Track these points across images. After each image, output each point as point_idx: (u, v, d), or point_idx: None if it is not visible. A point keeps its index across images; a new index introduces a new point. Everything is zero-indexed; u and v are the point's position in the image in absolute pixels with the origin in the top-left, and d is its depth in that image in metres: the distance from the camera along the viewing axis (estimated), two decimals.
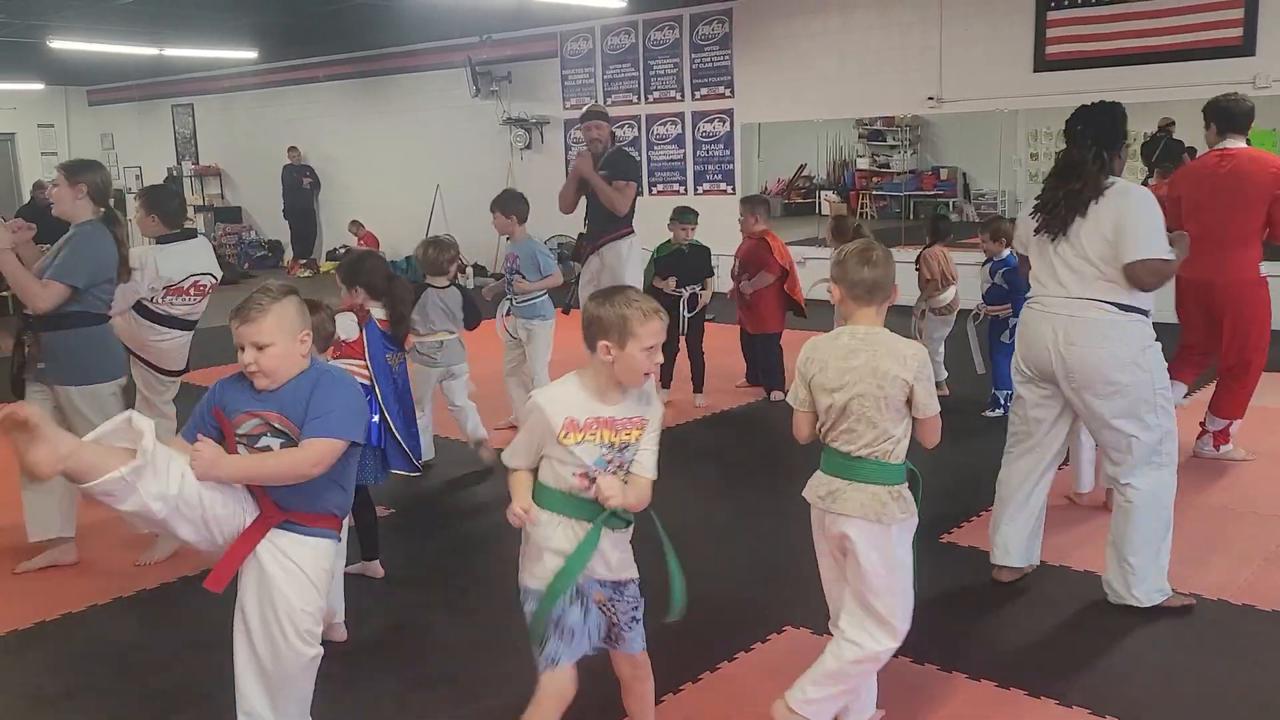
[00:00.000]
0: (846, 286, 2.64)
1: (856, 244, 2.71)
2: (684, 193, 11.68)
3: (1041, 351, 3.42)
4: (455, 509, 4.81)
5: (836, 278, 2.66)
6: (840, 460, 2.60)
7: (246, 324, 2.41)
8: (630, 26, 11.89)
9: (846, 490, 2.57)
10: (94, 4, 9.87)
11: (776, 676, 3.10)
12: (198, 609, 3.76)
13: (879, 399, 2.52)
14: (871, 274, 2.60)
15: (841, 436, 2.58)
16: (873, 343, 2.57)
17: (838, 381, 2.56)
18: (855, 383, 2.54)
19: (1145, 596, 3.41)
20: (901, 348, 2.57)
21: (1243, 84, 8.18)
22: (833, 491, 2.59)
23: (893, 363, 2.53)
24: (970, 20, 9.54)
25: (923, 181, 10.45)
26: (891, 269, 2.65)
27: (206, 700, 3.08)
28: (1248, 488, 4.67)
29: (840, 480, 2.59)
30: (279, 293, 2.46)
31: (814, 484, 2.66)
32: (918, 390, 2.54)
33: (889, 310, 2.67)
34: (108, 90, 18.20)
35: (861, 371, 2.54)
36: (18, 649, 3.46)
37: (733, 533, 4.38)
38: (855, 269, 2.62)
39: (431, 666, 3.25)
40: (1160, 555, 3.43)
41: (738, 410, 6.37)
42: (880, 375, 2.52)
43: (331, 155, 15.23)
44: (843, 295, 2.66)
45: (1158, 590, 3.42)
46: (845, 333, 2.63)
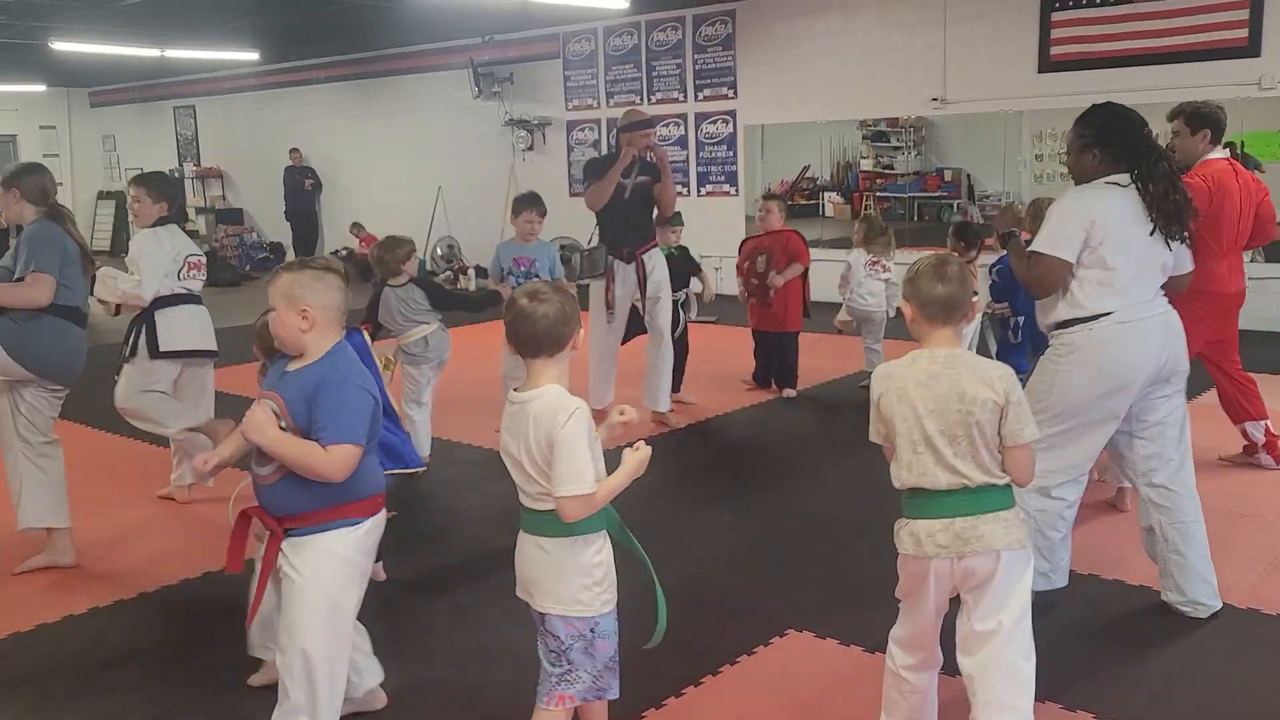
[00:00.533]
0: (919, 305, 2.43)
1: (930, 258, 2.49)
2: (687, 194, 11.64)
3: (1155, 355, 3.24)
4: (454, 511, 4.79)
5: (908, 296, 2.46)
6: (954, 498, 2.36)
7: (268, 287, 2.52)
8: (632, 27, 11.88)
9: (979, 526, 2.34)
10: (96, 5, 9.87)
11: (778, 680, 3.10)
12: (199, 611, 3.75)
13: (968, 425, 2.34)
14: (947, 291, 2.40)
15: (932, 468, 2.36)
16: (955, 365, 2.38)
17: (921, 410, 2.37)
18: (940, 410, 2.35)
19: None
20: (986, 369, 2.39)
21: (1248, 85, 8.19)
22: (962, 534, 2.34)
23: (980, 386, 2.34)
24: (974, 21, 9.53)
25: (927, 183, 10.43)
26: (969, 284, 2.45)
27: (210, 702, 3.07)
28: (1251, 491, 4.65)
29: (966, 519, 2.35)
30: (298, 265, 2.53)
31: (922, 532, 2.38)
32: (1009, 413, 2.34)
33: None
34: (109, 92, 18.24)
35: (947, 398, 2.35)
36: (19, 651, 3.45)
37: (736, 535, 4.36)
38: (929, 285, 2.40)
39: (431, 670, 3.23)
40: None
41: (743, 411, 6.36)
42: (968, 400, 2.33)
43: (333, 157, 15.23)
44: (915, 315, 2.45)
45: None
46: (924, 356, 2.42)
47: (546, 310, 2.29)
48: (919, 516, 2.41)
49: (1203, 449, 5.17)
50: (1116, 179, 3.26)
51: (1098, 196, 3.25)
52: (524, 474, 2.34)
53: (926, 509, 2.39)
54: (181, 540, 4.31)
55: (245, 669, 3.23)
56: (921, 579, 2.42)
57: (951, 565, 2.38)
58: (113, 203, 18.58)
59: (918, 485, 2.40)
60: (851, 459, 5.48)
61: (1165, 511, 3.39)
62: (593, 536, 2.35)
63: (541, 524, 2.34)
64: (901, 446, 2.42)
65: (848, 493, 4.88)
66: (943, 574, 2.41)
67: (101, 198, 18.77)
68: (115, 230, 18.44)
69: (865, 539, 4.17)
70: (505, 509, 4.74)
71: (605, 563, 2.37)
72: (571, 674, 2.38)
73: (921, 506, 2.40)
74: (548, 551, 2.33)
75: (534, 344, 2.31)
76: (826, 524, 4.45)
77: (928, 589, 2.43)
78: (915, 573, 2.44)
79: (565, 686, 2.38)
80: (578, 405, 2.29)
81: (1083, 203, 3.27)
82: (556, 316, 2.30)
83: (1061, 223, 3.25)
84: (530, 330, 2.29)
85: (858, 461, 5.41)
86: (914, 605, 2.49)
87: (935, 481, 2.38)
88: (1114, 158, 3.28)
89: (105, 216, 18.64)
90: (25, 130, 18.00)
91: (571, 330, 2.34)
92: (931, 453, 2.38)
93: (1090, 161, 3.31)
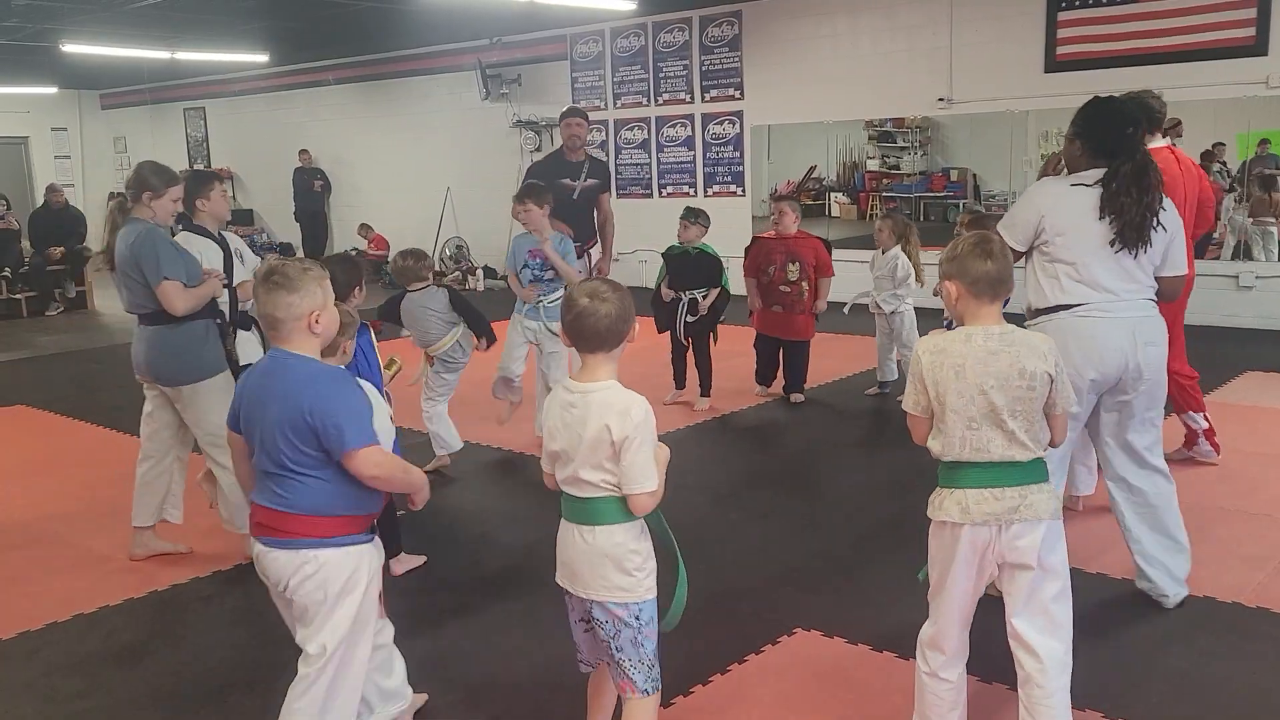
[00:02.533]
0: (967, 283, 2.44)
1: (971, 235, 2.51)
2: (694, 194, 11.67)
3: (1113, 356, 3.26)
4: (462, 510, 4.81)
5: (953, 274, 2.46)
6: (1011, 468, 2.41)
7: None
8: (640, 29, 11.89)
9: (1030, 495, 2.41)
10: (106, 8, 9.92)
11: (786, 679, 3.11)
12: (209, 610, 3.78)
13: (1029, 400, 2.40)
14: (996, 267, 2.41)
15: (994, 441, 2.40)
16: (1012, 342, 2.42)
17: (982, 385, 2.39)
18: (1003, 386, 2.39)
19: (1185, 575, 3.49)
20: (1038, 343, 2.44)
21: (1255, 84, 8.17)
22: (1018, 506, 2.40)
23: (1037, 360, 2.40)
24: (980, 21, 9.52)
25: (933, 183, 10.42)
26: (1011, 260, 2.47)
27: (219, 701, 3.09)
28: (1258, 490, 4.64)
29: (1016, 488, 2.41)
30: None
31: (970, 500, 2.42)
32: (1057, 385, 2.43)
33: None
34: (120, 94, 18.31)
35: (1008, 374, 2.39)
36: (30, 650, 3.48)
37: (744, 534, 4.37)
38: (976, 263, 2.42)
39: (439, 670, 3.25)
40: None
41: (749, 412, 6.36)
42: (1029, 376, 2.39)
43: (342, 158, 15.28)
44: (961, 292, 2.46)
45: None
46: (979, 333, 2.44)
47: (609, 309, 2.31)
48: (968, 485, 2.43)
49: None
50: (1084, 175, 3.30)
51: (1052, 192, 3.33)
52: (577, 463, 2.33)
53: (977, 478, 2.42)
54: (192, 540, 4.34)
55: (254, 667, 3.26)
56: (956, 547, 2.45)
57: (996, 534, 2.42)
58: None
59: (970, 459, 2.43)
60: (860, 459, 5.49)
61: (1130, 504, 3.49)
62: (632, 522, 2.36)
63: (587, 513, 2.35)
64: (953, 420, 2.44)
65: (856, 492, 4.89)
66: (982, 544, 2.44)
67: (112, 199, 18.77)
68: None
69: (874, 538, 4.18)
70: (512, 508, 4.78)
71: (646, 549, 2.39)
72: (625, 664, 2.40)
73: (971, 476, 2.43)
74: (592, 540, 2.34)
75: (595, 340, 2.33)
76: (835, 523, 4.46)
77: (963, 559, 2.45)
78: (951, 541, 2.46)
79: (623, 676, 2.41)
80: (645, 402, 2.32)
81: (1038, 196, 3.36)
82: (618, 315, 2.32)
83: (1017, 211, 3.39)
84: (593, 328, 2.32)
85: (866, 461, 5.42)
86: (946, 583, 2.51)
87: (989, 454, 2.41)
88: (1092, 152, 3.30)
89: None
90: (37, 132, 18.08)
91: (629, 326, 2.37)
92: (993, 427, 2.41)
93: (1074, 151, 3.36)
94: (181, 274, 3.94)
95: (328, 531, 2.40)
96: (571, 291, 2.39)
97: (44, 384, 7.99)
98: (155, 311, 3.98)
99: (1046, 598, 2.48)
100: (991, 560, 2.47)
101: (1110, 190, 3.20)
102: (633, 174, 12.31)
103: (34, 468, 5.71)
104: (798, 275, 6.33)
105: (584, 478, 2.33)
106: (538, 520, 4.56)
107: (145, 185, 4.04)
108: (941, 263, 2.53)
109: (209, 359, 4.05)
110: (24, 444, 6.30)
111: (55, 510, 4.94)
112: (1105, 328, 3.25)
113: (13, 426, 6.74)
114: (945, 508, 2.47)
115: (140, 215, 4.05)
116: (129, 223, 4.06)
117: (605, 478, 2.31)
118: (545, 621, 3.44)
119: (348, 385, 2.46)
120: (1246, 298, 8.42)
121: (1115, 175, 3.21)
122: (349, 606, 2.43)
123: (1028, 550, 2.43)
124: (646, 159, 12.15)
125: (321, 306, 2.44)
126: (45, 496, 5.16)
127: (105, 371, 8.40)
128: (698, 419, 6.13)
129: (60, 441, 6.31)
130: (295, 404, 2.35)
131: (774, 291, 6.41)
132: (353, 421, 2.36)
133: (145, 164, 4.19)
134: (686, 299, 6.24)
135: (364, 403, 2.44)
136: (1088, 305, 3.26)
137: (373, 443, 2.38)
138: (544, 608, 3.54)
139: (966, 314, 2.49)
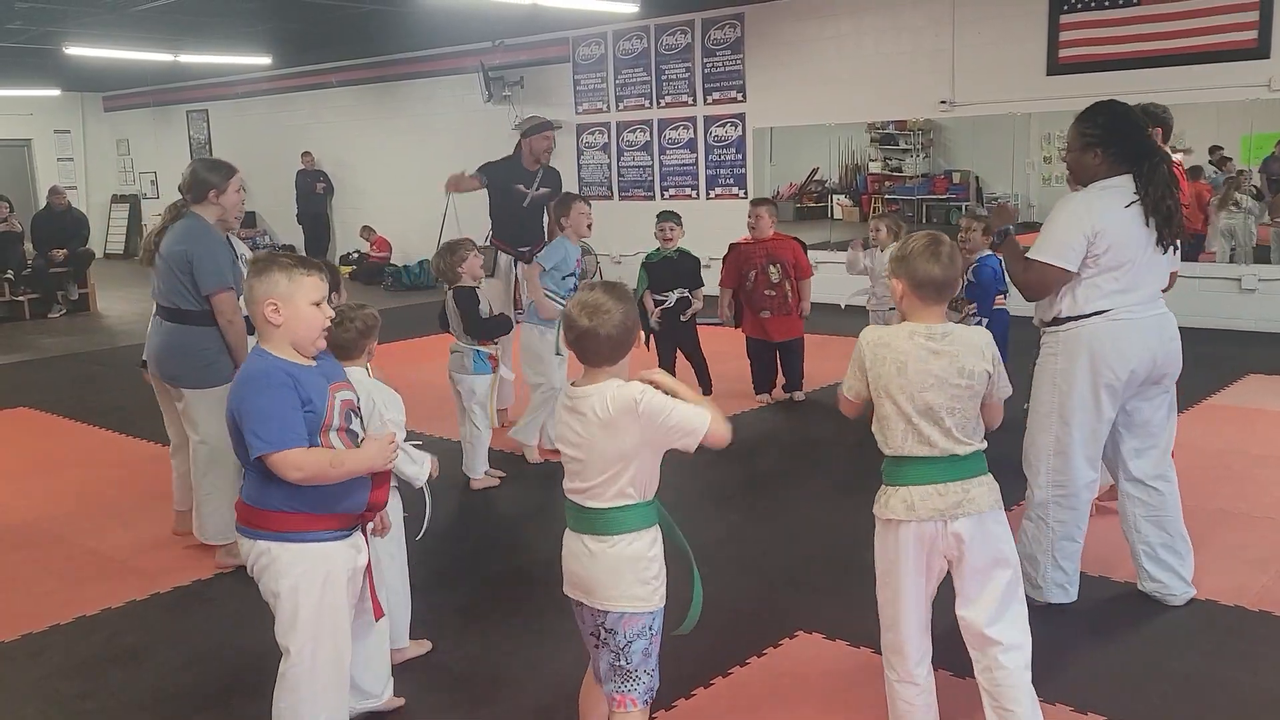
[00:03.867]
0: (913, 284, 2.47)
1: (923, 236, 2.53)
2: (696, 197, 11.68)
3: (1142, 354, 3.28)
4: (467, 511, 4.81)
5: (900, 273, 2.50)
6: (951, 463, 2.45)
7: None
8: (642, 31, 11.90)
9: (970, 489, 2.46)
10: (110, 10, 9.93)
11: (788, 682, 3.11)
12: (211, 613, 3.78)
13: (966, 398, 2.45)
14: (941, 271, 2.45)
15: (934, 437, 2.44)
16: (952, 341, 2.46)
17: (921, 384, 2.43)
18: (941, 384, 2.43)
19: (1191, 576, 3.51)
20: (975, 339, 2.49)
21: (1257, 86, 8.16)
22: (960, 501, 2.45)
23: (975, 359, 2.46)
24: (983, 23, 9.51)
25: (935, 185, 10.42)
26: (959, 263, 2.51)
27: (221, 704, 3.10)
28: (1261, 493, 4.64)
29: (958, 483, 2.45)
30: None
31: (916, 496, 2.46)
32: (995, 379, 2.49)
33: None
34: (123, 96, 18.34)
35: (948, 372, 2.44)
36: (32, 652, 3.48)
37: (744, 537, 4.37)
38: (924, 265, 2.45)
39: (443, 670, 3.25)
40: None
41: (748, 414, 6.36)
42: (968, 374, 2.44)
43: (345, 160, 15.29)
44: (906, 292, 2.50)
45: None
46: (921, 331, 2.48)
47: (610, 328, 2.27)
48: (912, 483, 2.47)
49: (1208, 451, 5.18)
50: (1113, 182, 3.27)
51: (1094, 206, 3.26)
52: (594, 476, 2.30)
53: (921, 475, 2.47)
54: (194, 542, 4.34)
55: (256, 670, 3.26)
56: (902, 546, 2.49)
57: (942, 529, 2.46)
58: (126, 206, 18.70)
59: (911, 453, 2.47)
60: (859, 461, 5.48)
61: (1142, 505, 3.49)
62: (647, 530, 2.33)
63: (603, 523, 2.31)
64: (894, 415, 2.48)
65: (857, 495, 4.86)
66: (930, 538, 2.48)
67: (115, 201, 18.89)
68: (129, 233, 18.56)
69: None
70: (518, 511, 4.78)
71: (659, 557, 2.36)
72: (632, 675, 2.36)
73: (915, 473, 2.47)
74: (599, 551, 2.31)
75: (600, 356, 2.30)
76: (836, 526, 4.45)
77: (909, 556, 2.50)
78: (897, 539, 2.50)
79: (628, 689, 2.36)
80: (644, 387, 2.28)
81: (1080, 211, 3.27)
82: (621, 324, 2.29)
83: (1067, 233, 3.25)
84: (596, 349, 2.29)
85: (866, 464, 5.40)
86: (896, 583, 2.54)
87: (931, 450, 2.46)
88: (1115, 159, 3.28)
89: (119, 220, 18.76)
90: (40, 134, 18.12)
91: (634, 335, 2.34)
92: (932, 423, 2.45)
93: (1092, 160, 3.31)
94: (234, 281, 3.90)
95: (281, 526, 2.38)
96: (570, 310, 2.33)
97: (46, 386, 7.99)
98: (178, 309, 3.97)
99: (998, 588, 2.51)
100: (939, 556, 2.51)
101: (1148, 193, 3.22)
102: (635, 176, 12.31)
103: (36, 469, 5.72)
104: (780, 277, 6.31)
105: (603, 490, 2.30)
106: (540, 523, 4.56)
107: (207, 185, 4.03)
108: (891, 259, 2.56)
109: (216, 368, 3.97)
110: (26, 446, 6.30)
111: (57, 512, 4.94)
112: (1137, 327, 3.28)
113: (15, 428, 6.74)
114: (891, 505, 2.50)
115: (205, 214, 4.02)
116: (186, 217, 4.03)
117: (624, 488, 2.29)
118: (548, 626, 3.44)
119: (266, 386, 2.32)
120: (1249, 300, 8.41)
121: (1151, 178, 3.22)
122: (306, 605, 2.39)
123: (973, 543, 2.47)
124: (649, 161, 12.15)
125: (280, 297, 2.36)
126: (47, 498, 5.16)
127: (107, 374, 8.40)
128: None
129: (62, 443, 6.32)
130: (229, 403, 2.36)
131: (759, 297, 6.36)
132: (261, 425, 2.28)
133: (198, 163, 4.17)
134: (677, 296, 6.24)
135: (282, 404, 2.31)
136: (1120, 309, 3.27)
137: (288, 446, 2.28)
138: (548, 613, 3.54)
139: (910, 312, 2.53)
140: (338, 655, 2.47)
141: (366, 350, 3.11)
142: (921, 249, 2.47)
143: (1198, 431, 5.48)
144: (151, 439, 6.01)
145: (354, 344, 3.05)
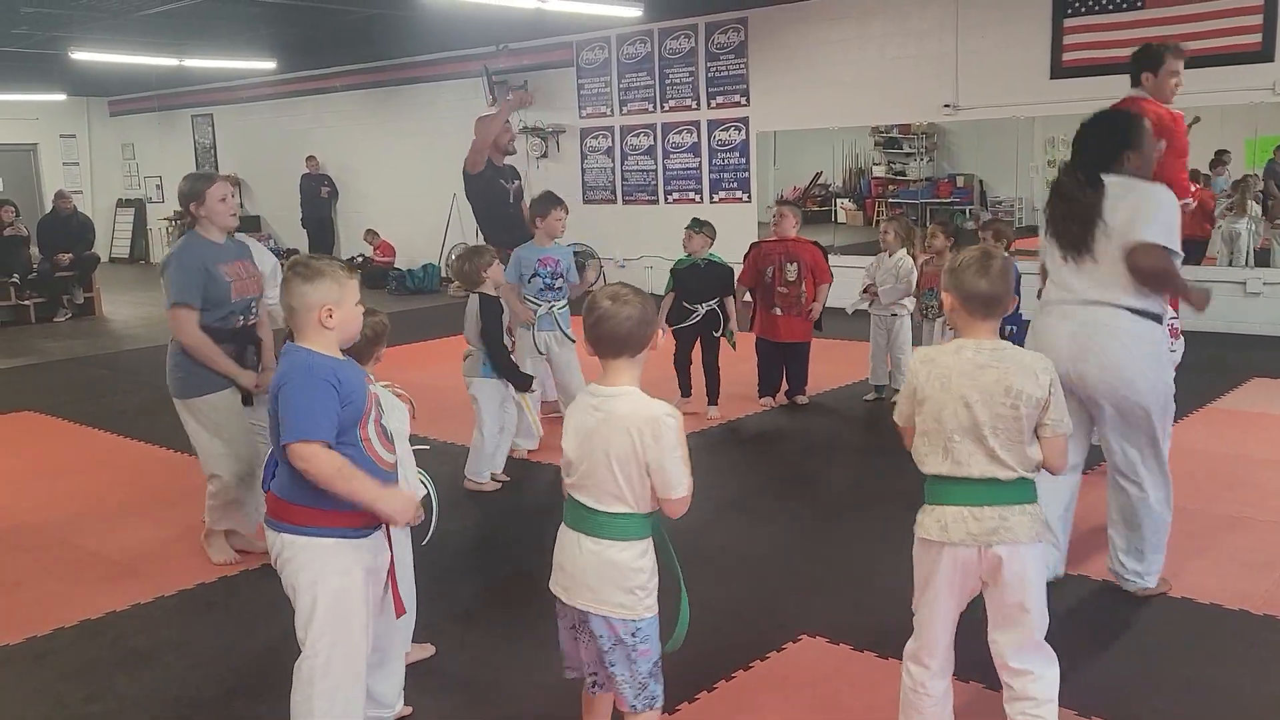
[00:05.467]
0: (962, 299, 2.44)
1: (975, 251, 2.49)
2: (700, 201, 11.69)
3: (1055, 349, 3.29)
4: (468, 517, 4.81)
5: (950, 287, 2.46)
6: (990, 487, 2.38)
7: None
8: (646, 35, 11.91)
9: (1011, 518, 2.38)
10: (115, 15, 9.97)
11: (791, 686, 3.10)
12: (215, 616, 3.79)
13: (1013, 419, 2.36)
14: (990, 286, 2.41)
15: (972, 457, 2.38)
16: (1002, 358, 2.39)
17: (965, 398, 2.37)
18: (986, 400, 2.36)
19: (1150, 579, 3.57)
20: (1031, 362, 2.40)
21: (1262, 90, 8.16)
22: (996, 529, 2.37)
23: (1026, 380, 2.36)
24: (986, 27, 9.52)
25: (939, 189, 10.42)
26: (1010, 279, 2.46)
27: (226, 707, 3.10)
28: (1266, 497, 4.62)
29: (996, 508, 2.38)
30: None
31: (949, 518, 2.40)
32: (1051, 404, 2.38)
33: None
34: (128, 100, 18.39)
35: (993, 390, 2.36)
36: (37, 655, 3.49)
37: (749, 540, 4.37)
38: (973, 280, 2.41)
39: (445, 674, 3.25)
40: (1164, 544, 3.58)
41: (753, 419, 6.36)
42: (1014, 395, 2.35)
43: (349, 164, 15.32)
44: (956, 306, 2.46)
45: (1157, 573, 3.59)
46: (969, 346, 2.43)
47: (630, 312, 2.30)
48: (948, 503, 2.42)
49: (1212, 454, 5.17)
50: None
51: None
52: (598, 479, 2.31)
53: (957, 496, 2.41)
54: (197, 545, 4.35)
55: (262, 673, 3.27)
56: (938, 565, 2.44)
57: (978, 555, 2.41)
58: (131, 210, 18.75)
59: (950, 474, 2.42)
60: (863, 465, 5.48)
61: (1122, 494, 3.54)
62: (639, 540, 2.34)
63: (598, 524, 2.32)
64: (934, 433, 2.44)
65: (860, 499, 4.88)
66: (965, 562, 2.43)
67: (121, 205, 18.95)
68: (134, 238, 18.61)
69: (879, 545, 4.17)
70: (520, 514, 4.78)
71: (651, 567, 2.37)
72: (618, 679, 2.38)
73: (951, 493, 2.42)
74: (598, 551, 2.32)
75: (616, 345, 2.32)
76: (839, 529, 4.45)
77: (943, 577, 2.45)
78: (934, 559, 2.46)
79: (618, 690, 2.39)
80: (671, 409, 2.30)
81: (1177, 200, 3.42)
82: (639, 318, 2.31)
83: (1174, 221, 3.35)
84: (614, 332, 2.30)
85: (869, 468, 5.41)
86: (929, 599, 2.50)
87: (969, 471, 2.39)
88: None
89: (124, 224, 18.82)
90: (45, 139, 18.18)
91: (652, 331, 2.35)
92: (974, 442, 2.39)
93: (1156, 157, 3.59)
94: (195, 298, 3.92)
95: (302, 520, 2.42)
96: (594, 294, 2.37)
97: (52, 390, 8.01)
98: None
99: (1030, 620, 2.48)
100: (975, 578, 2.46)
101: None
102: (639, 180, 12.32)
103: (41, 473, 5.73)
104: (796, 275, 6.36)
105: (605, 493, 2.31)
106: (542, 527, 4.56)
107: (187, 199, 4.07)
108: (944, 272, 2.54)
109: (194, 381, 4.00)
110: (31, 449, 6.31)
111: (62, 515, 4.95)
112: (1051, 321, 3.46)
113: (20, 432, 6.76)
114: (925, 525, 2.47)
115: (201, 228, 4.07)
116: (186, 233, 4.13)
117: (626, 495, 2.30)
118: (550, 631, 3.44)
119: (312, 381, 2.38)
120: (1253, 304, 8.40)
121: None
122: (324, 600, 2.42)
123: (1009, 574, 2.42)
124: (653, 165, 12.16)
125: (335, 302, 2.44)
126: (52, 501, 5.17)
127: (113, 377, 8.43)
128: (703, 426, 6.13)
129: (67, 447, 6.33)
130: (273, 391, 2.42)
131: (773, 293, 6.42)
132: (297, 416, 2.34)
133: (183, 180, 4.20)
134: (704, 310, 6.21)
135: (322, 401, 2.36)
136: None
137: (312, 440, 2.32)
138: (548, 617, 3.54)
139: (961, 327, 2.50)
140: (353, 651, 2.50)
141: (375, 356, 3.12)
142: (971, 263, 2.44)
143: (1202, 435, 5.48)
144: (156, 443, 6.02)
145: (363, 351, 3.06)
